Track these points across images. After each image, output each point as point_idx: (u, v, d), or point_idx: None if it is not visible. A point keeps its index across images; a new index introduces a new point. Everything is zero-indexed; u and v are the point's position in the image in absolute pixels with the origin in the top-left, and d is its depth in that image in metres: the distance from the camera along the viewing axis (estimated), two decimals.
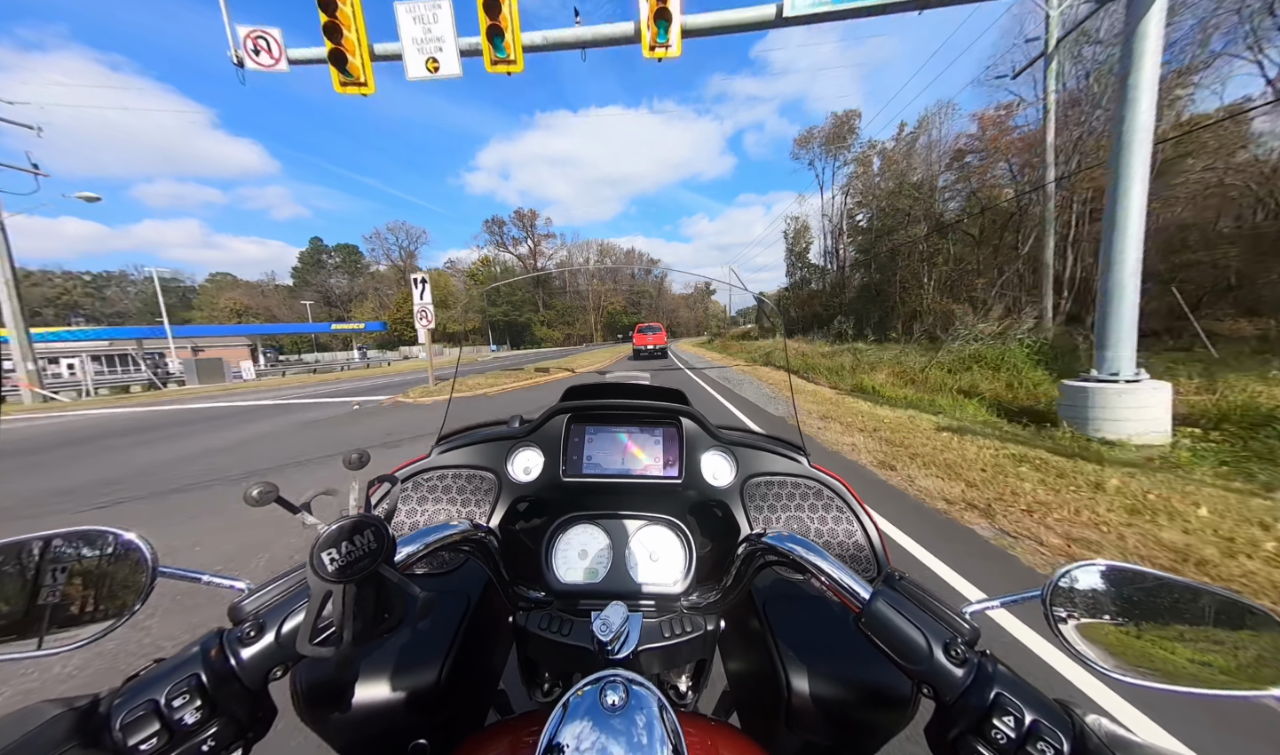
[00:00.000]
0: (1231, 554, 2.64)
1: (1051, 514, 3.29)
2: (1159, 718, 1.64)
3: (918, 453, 4.93)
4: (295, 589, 0.43)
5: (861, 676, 0.60)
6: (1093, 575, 0.43)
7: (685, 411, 0.93)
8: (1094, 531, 3.02)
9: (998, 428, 6.00)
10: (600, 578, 0.75)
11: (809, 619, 0.70)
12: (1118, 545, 2.86)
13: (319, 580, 0.37)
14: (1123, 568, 0.43)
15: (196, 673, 0.37)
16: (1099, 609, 0.42)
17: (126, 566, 0.43)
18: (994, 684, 0.38)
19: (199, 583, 0.45)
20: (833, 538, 0.84)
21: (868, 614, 0.45)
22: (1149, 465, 4.23)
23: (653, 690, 0.45)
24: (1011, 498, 3.60)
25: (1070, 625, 0.42)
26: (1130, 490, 3.60)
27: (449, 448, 0.97)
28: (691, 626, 0.66)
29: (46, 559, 0.42)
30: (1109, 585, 0.43)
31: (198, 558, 3.20)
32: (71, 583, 0.42)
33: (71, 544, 0.43)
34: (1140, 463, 4.30)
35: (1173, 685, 0.38)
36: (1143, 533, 2.95)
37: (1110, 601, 0.42)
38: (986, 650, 0.41)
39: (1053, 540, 2.92)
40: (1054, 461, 4.38)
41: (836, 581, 0.49)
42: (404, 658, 0.62)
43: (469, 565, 0.81)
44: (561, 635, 0.63)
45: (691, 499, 0.90)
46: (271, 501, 0.36)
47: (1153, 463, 4.30)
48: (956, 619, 0.43)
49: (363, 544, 0.39)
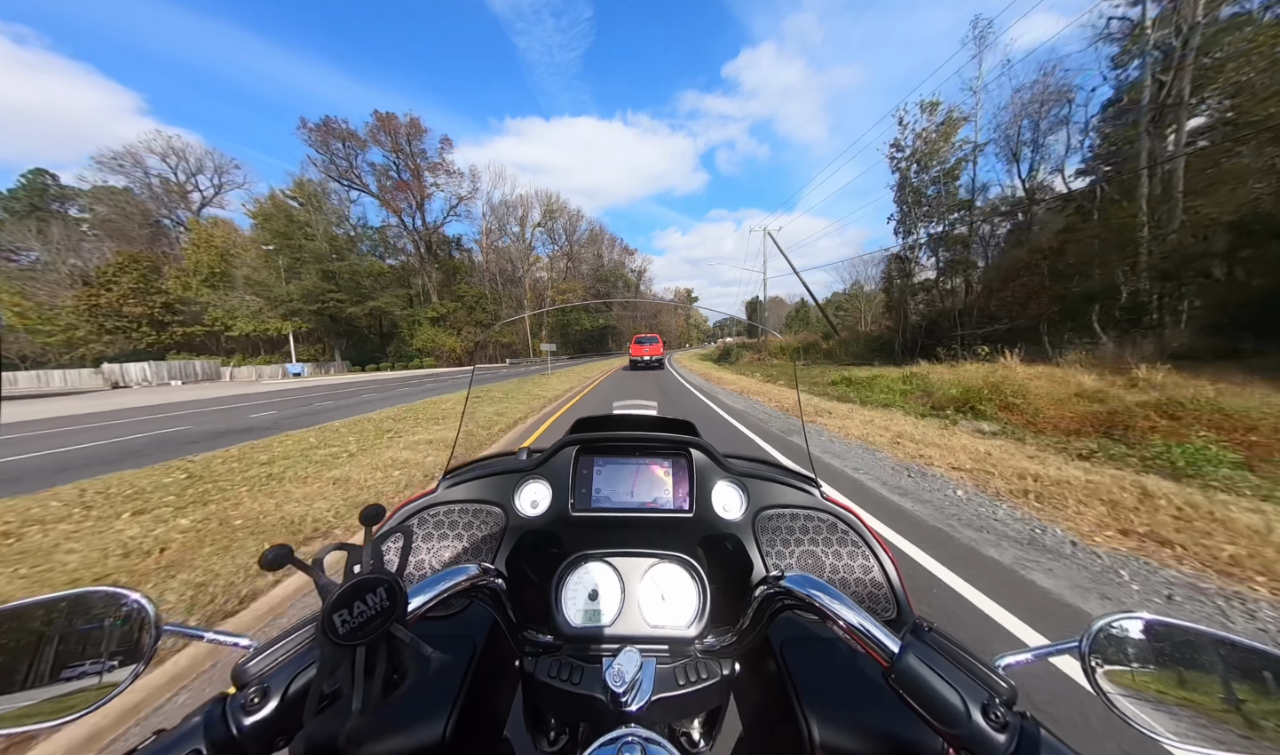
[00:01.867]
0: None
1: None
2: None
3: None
4: (301, 650, 0.42)
5: (893, 733, 0.57)
6: (1135, 627, 0.41)
7: (694, 442, 0.92)
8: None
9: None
10: (611, 620, 0.73)
11: (830, 665, 0.67)
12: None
13: (330, 643, 0.36)
14: (1167, 622, 0.41)
15: (198, 747, 0.35)
16: (1142, 663, 0.40)
17: (131, 626, 0.42)
18: (1040, 751, 0.36)
19: (203, 641, 0.44)
20: (849, 574, 0.82)
21: (898, 670, 0.43)
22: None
23: (669, 750, 0.43)
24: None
25: (1110, 681, 0.40)
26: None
27: (456, 481, 0.96)
28: (707, 673, 0.64)
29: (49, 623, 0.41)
30: (1152, 639, 0.41)
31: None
32: (75, 647, 0.41)
33: (73, 607, 0.42)
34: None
35: (1221, 752, 0.36)
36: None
37: (1153, 656, 0.40)
38: (1027, 712, 0.39)
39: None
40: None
41: (859, 630, 0.48)
42: (409, 712, 0.59)
43: (474, 607, 0.79)
44: (572, 684, 0.61)
45: (702, 533, 0.88)
46: (287, 564, 0.35)
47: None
48: (992, 676, 0.41)
49: (375, 603, 0.38)
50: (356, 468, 5.33)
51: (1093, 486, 4.08)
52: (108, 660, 0.41)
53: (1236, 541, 3.04)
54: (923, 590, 2.68)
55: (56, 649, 0.40)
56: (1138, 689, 0.40)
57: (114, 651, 0.41)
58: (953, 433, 6.78)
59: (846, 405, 10.21)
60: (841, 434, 7.07)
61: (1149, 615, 0.42)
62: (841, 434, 7.07)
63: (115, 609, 0.42)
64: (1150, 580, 2.79)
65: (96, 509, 3.89)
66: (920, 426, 7.28)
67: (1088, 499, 3.83)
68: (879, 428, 7.27)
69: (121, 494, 4.23)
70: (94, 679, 0.40)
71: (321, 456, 5.98)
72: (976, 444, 5.93)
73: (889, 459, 5.56)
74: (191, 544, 3.29)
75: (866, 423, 7.76)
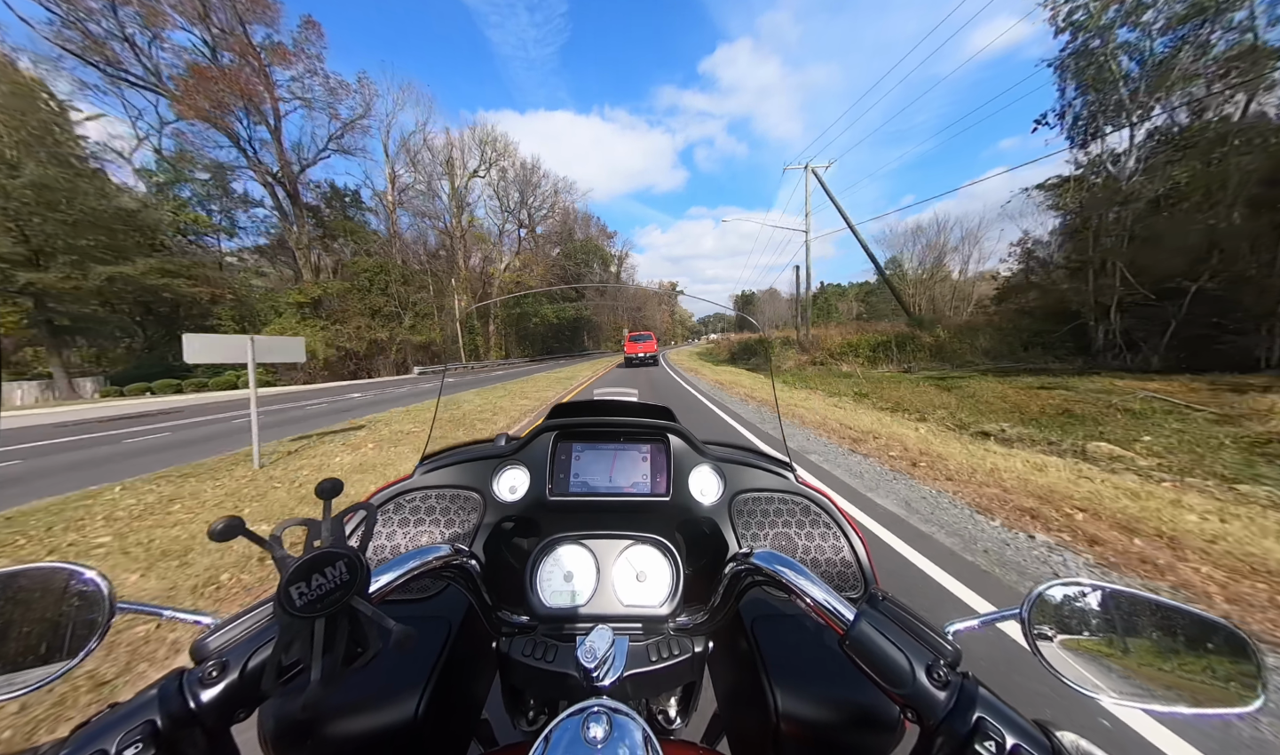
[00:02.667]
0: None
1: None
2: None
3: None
4: (262, 624, 0.42)
5: (849, 699, 0.60)
6: (1071, 592, 0.44)
7: (672, 428, 0.93)
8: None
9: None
10: (586, 600, 0.74)
11: (797, 639, 0.69)
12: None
13: (287, 615, 0.36)
14: (1102, 586, 0.43)
15: (152, 719, 0.35)
16: (1078, 627, 0.43)
17: (82, 603, 0.41)
18: (976, 707, 0.38)
19: (161, 618, 0.44)
20: (820, 555, 0.84)
21: (851, 636, 0.44)
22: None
23: (637, 720, 0.44)
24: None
25: (1049, 643, 0.42)
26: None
27: (432, 467, 0.95)
28: (679, 649, 0.65)
29: None
30: (1088, 603, 0.43)
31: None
32: (22, 622, 0.40)
33: (23, 581, 0.41)
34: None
35: (1149, 704, 0.38)
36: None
37: (1089, 620, 0.43)
38: (968, 672, 0.41)
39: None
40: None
41: (820, 603, 0.49)
42: (379, 691, 0.59)
43: (450, 590, 0.79)
44: (546, 662, 0.62)
45: (680, 517, 0.89)
46: (237, 535, 0.35)
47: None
48: (939, 640, 0.43)
49: (334, 576, 0.38)
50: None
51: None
52: (59, 637, 0.40)
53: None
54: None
55: (5, 624, 0.39)
56: (1074, 650, 0.42)
57: (65, 628, 0.40)
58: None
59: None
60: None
61: (1085, 581, 0.44)
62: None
63: (68, 585, 0.41)
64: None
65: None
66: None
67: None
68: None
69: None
70: (43, 656, 0.39)
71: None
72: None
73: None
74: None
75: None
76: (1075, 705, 1.70)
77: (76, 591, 0.41)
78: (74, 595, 0.41)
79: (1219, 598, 2.62)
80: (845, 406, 10.13)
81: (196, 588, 3.16)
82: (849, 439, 6.76)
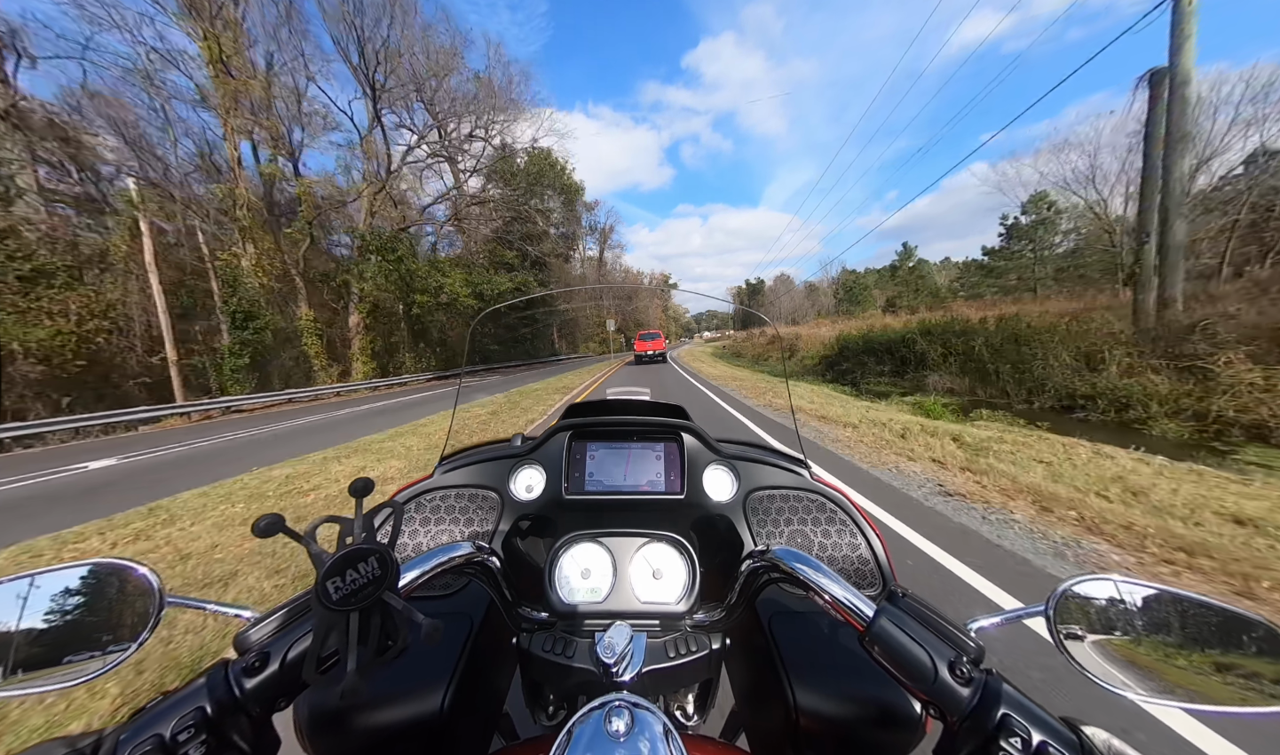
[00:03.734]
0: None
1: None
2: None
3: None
4: (300, 618, 0.44)
5: (870, 695, 0.59)
6: (1098, 589, 0.43)
7: (686, 426, 0.94)
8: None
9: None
10: (603, 597, 0.75)
11: (815, 635, 0.69)
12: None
13: (323, 609, 0.37)
14: (1130, 582, 0.43)
15: (202, 706, 0.37)
16: (1105, 624, 0.42)
17: (135, 597, 0.44)
18: (1000, 704, 0.37)
19: (206, 611, 0.46)
20: (837, 551, 0.84)
21: (871, 633, 0.44)
22: None
23: (657, 714, 0.45)
24: None
25: (1076, 641, 0.42)
26: None
27: (451, 467, 0.98)
28: (696, 645, 0.66)
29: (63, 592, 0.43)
30: (1115, 600, 0.42)
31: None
32: (82, 615, 0.43)
33: (81, 577, 0.44)
34: None
35: (1181, 702, 0.37)
36: None
37: (1117, 617, 0.42)
38: (992, 669, 0.41)
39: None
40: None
41: (839, 599, 0.49)
42: (408, 684, 0.61)
43: (472, 586, 0.81)
44: (565, 658, 0.63)
45: (694, 514, 0.90)
46: (278, 532, 0.37)
47: None
48: (961, 637, 0.43)
49: (367, 571, 0.39)
50: None
51: None
52: (114, 629, 0.43)
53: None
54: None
55: (67, 617, 0.42)
56: (1101, 647, 0.41)
57: (120, 621, 0.43)
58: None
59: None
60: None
61: (1112, 576, 0.43)
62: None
63: (123, 580, 0.44)
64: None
65: None
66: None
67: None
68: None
69: None
70: (101, 646, 0.42)
71: None
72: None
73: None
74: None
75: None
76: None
77: (130, 585, 0.44)
78: (127, 589, 0.44)
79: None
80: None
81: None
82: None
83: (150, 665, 2.21)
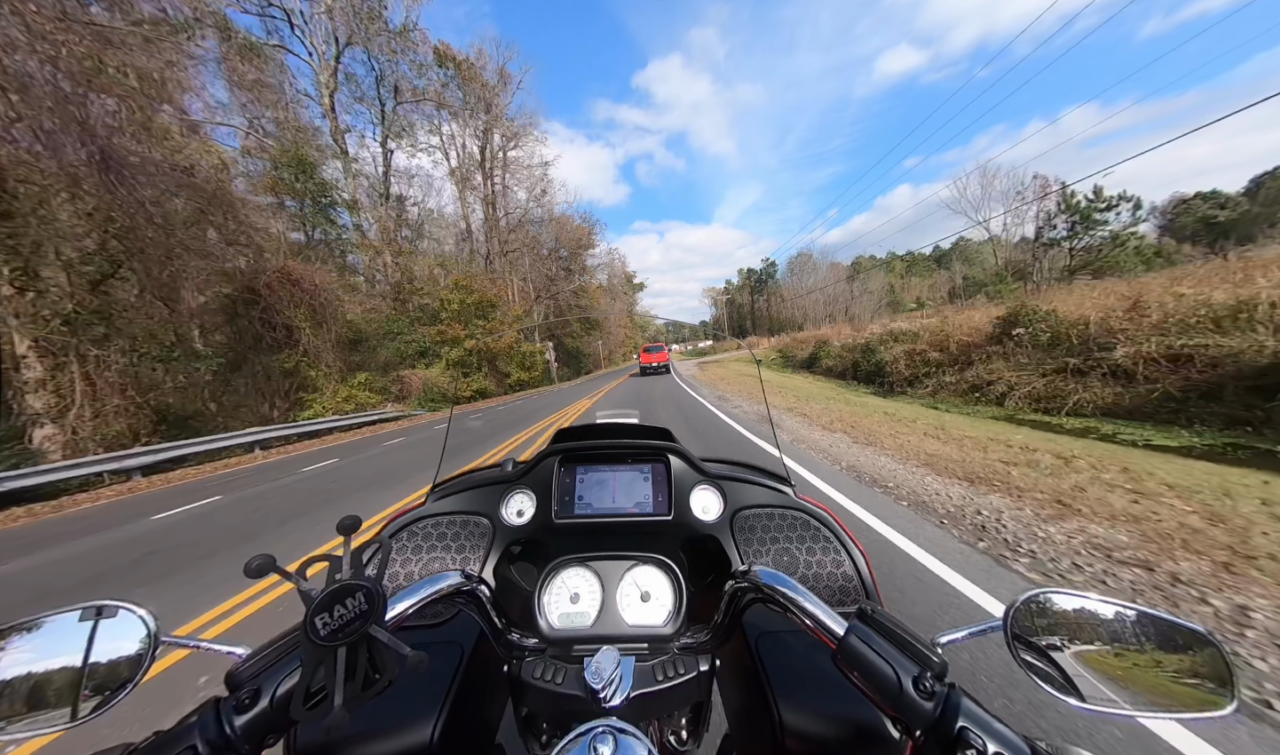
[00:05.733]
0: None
1: None
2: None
3: None
4: (289, 653, 0.45)
5: (851, 714, 0.60)
6: (1051, 602, 0.45)
7: (672, 448, 0.96)
8: None
9: None
10: (592, 621, 0.76)
11: (801, 654, 0.70)
12: None
13: (311, 644, 0.39)
14: (1081, 595, 0.45)
15: (194, 744, 0.38)
16: (1058, 636, 0.44)
17: (129, 637, 0.45)
18: (959, 717, 0.39)
19: (199, 650, 0.47)
20: (821, 569, 0.85)
21: (842, 650, 0.46)
22: None
23: (642, 739, 0.46)
24: None
25: (1031, 654, 0.44)
26: None
27: (443, 494, 0.99)
28: (685, 668, 0.67)
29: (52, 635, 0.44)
30: (1066, 612, 0.45)
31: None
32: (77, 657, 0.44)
33: (76, 618, 0.45)
34: None
35: (1130, 710, 0.39)
36: None
37: (1068, 629, 0.44)
38: (954, 683, 0.43)
39: None
40: None
41: (814, 618, 0.51)
42: (397, 717, 0.62)
43: (462, 615, 0.82)
44: (555, 684, 0.64)
45: (682, 535, 0.91)
46: (270, 573, 0.39)
47: None
48: (926, 652, 0.44)
49: (354, 606, 0.41)
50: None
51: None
52: (110, 669, 0.44)
53: None
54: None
55: (63, 658, 0.43)
56: (1057, 659, 0.43)
57: (115, 661, 0.44)
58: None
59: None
60: None
61: (1065, 590, 0.45)
62: None
63: (118, 621, 0.45)
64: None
65: None
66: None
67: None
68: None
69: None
70: (97, 687, 0.43)
71: None
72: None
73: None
74: None
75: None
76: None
77: (123, 625, 0.45)
78: (121, 629, 0.45)
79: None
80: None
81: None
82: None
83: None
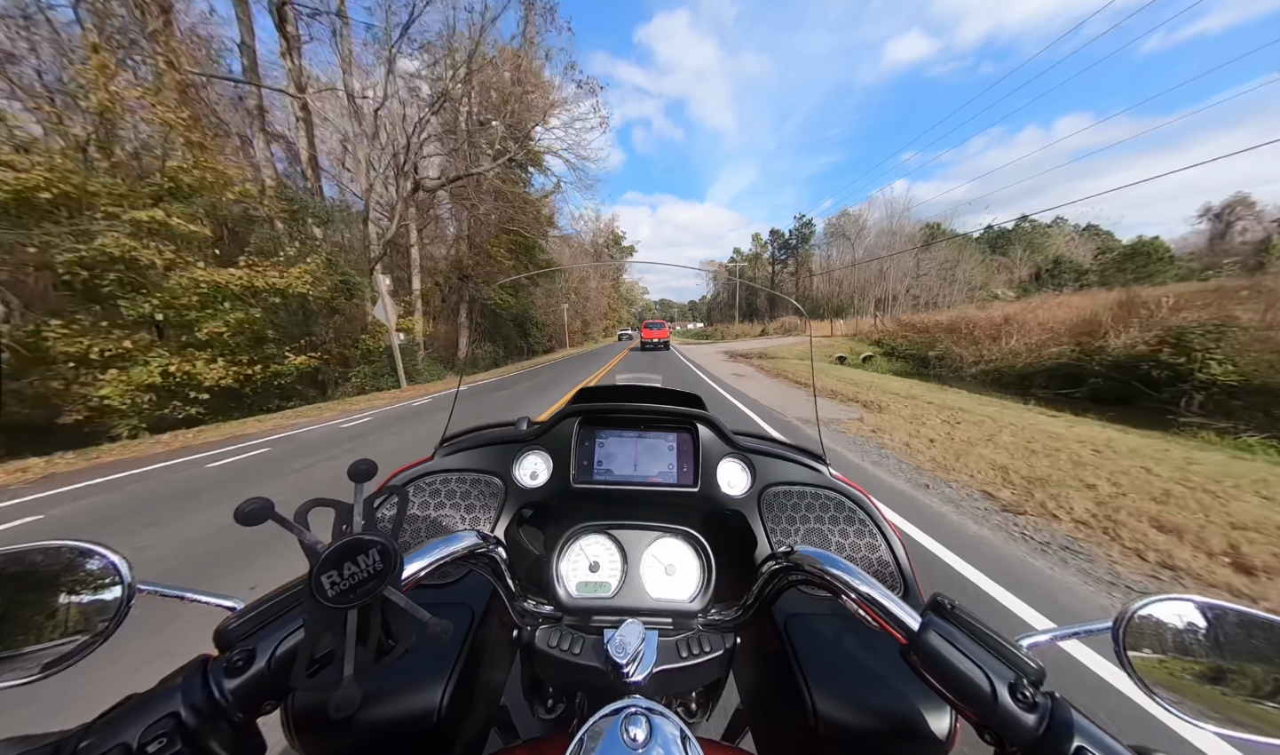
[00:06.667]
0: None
1: None
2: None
3: None
4: (290, 611, 0.39)
5: (894, 708, 0.56)
6: (1173, 610, 0.39)
7: (702, 417, 0.90)
8: None
9: None
10: (613, 592, 0.71)
11: (835, 640, 0.66)
12: None
13: (318, 605, 0.33)
14: (1208, 603, 0.39)
15: (176, 710, 0.32)
16: (1180, 648, 0.38)
17: (101, 584, 0.39)
18: (1074, 736, 0.34)
19: (184, 600, 0.41)
20: (855, 552, 0.81)
21: (918, 647, 0.41)
22: None
23: (674, 720, 0.42)
24: None
25: (1146, 663, 0.38)
26: None
27: (453, 450, 0.93)
28: (709, 646, 0.63)
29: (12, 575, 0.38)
30: (1191, 622, 0.39)
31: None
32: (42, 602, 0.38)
33: (40, 560, 0.39)
34: None
35: (1263, 737, 0.34)
36: None
37: (1193, 640, 0.39)
38: (1056, 693, 0.37)
39: None
40: None
41: (880, 607, 0.46)
42: (405, 679, 0.58)
43: (472, 576, 0.77)
44: (572, 654, 0.60)
45: (707, 509, 0.86)
46: (265, 519, 0.32)
47: None
48: (1018, 655, 0.39)
49: (367, 565, 0.35)
50: None
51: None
52: (80, 619, 0.38)
53: None
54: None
55: (25, 604, 0.37)
56: (1176, 672, 0.38)
57: (83, 611, 0.38)
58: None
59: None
60: None
61: (1189, 597, 0.40)
62: None
63: (86, 565, 0.39)
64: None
65: None
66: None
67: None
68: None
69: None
70: (64, 637, 0.37)
71: None
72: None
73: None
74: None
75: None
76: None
77: (95, 571, 0.39)
78: (92, 575, 0.39)
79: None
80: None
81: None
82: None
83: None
